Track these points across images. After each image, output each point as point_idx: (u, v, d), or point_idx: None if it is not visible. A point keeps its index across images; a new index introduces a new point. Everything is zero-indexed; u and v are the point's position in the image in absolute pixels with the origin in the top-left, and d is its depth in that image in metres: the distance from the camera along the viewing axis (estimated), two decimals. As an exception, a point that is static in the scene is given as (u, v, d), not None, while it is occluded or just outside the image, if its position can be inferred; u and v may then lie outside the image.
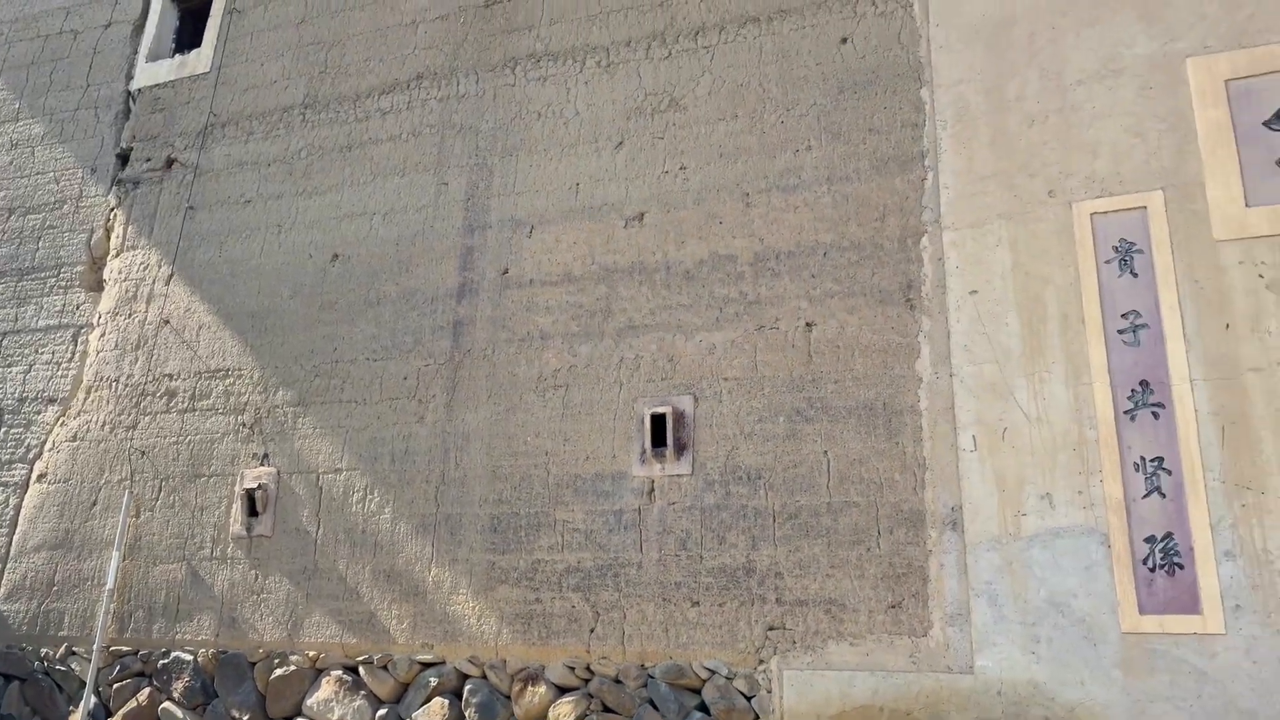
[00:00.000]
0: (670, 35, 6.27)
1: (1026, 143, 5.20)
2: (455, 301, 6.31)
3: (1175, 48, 5.03)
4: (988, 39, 5.45)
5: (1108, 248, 4.87)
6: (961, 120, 5.39)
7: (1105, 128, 5.05)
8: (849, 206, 5.53)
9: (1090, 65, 5.17)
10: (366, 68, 7.17)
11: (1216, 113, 4.83)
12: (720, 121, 5.97)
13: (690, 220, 5.86)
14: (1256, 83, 4.82)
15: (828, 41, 5.85)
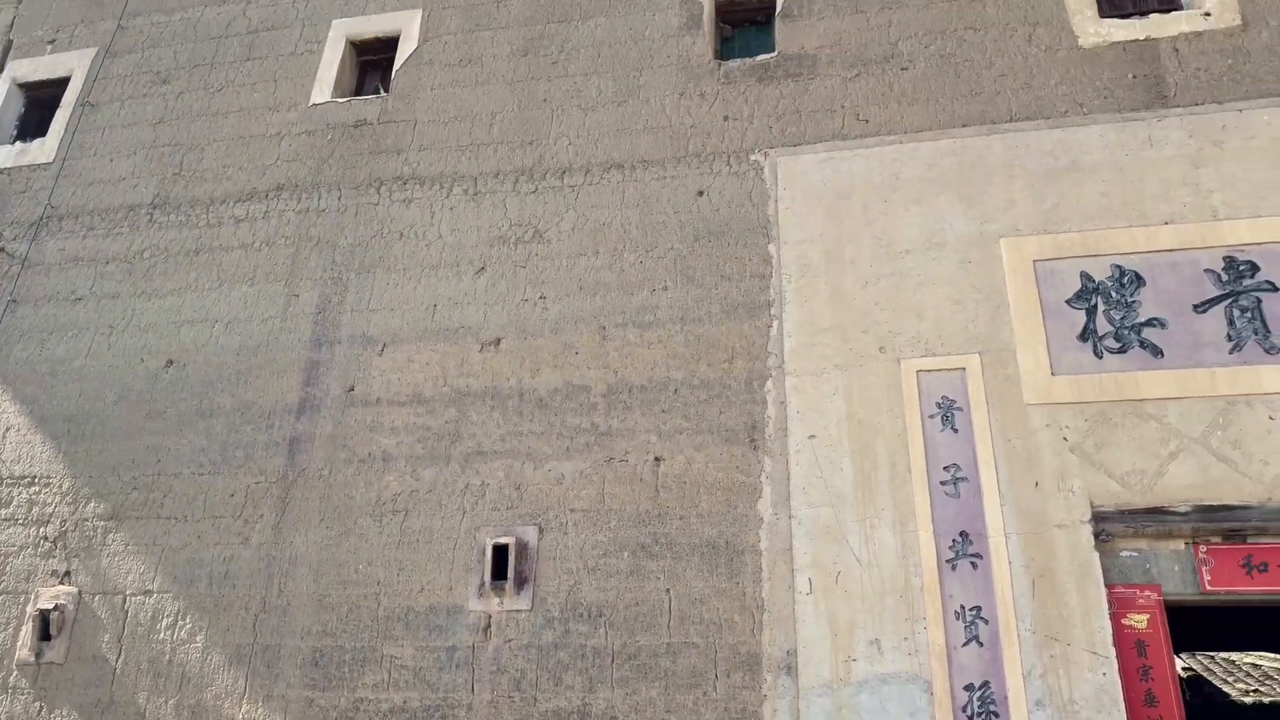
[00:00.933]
0: (538, 172, 6.47)
1: (861, 301, 5.59)
2: (294, 417, 6.08)
3: (990, 228, 5.58)
4: (828, 205, 5.89)
5: (931, 403, 5.22)
6: (804, 275, 5.75)
7: (930, 294, 5.49)
8: (700, 346, 5.73)
9: (917, 237, 5.66)
10: (224, 174, 7.03)
11: (1026, 288, 5.35)
12: (582, 256, 6.14)
13: (547, 349, 5.92)
14: (1059, 264, 5.39)
15: (686, 192, 6.17)
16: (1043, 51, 6.05)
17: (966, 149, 5.84)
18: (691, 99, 6.47)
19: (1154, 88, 5.77)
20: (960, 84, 6.08)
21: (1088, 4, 6.13)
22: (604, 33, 6.84)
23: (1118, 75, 5.86)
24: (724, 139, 6.29)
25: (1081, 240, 5.40)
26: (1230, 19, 5.86)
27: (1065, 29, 6.08)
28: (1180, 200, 5.38)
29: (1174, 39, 5.89)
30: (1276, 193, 5.27)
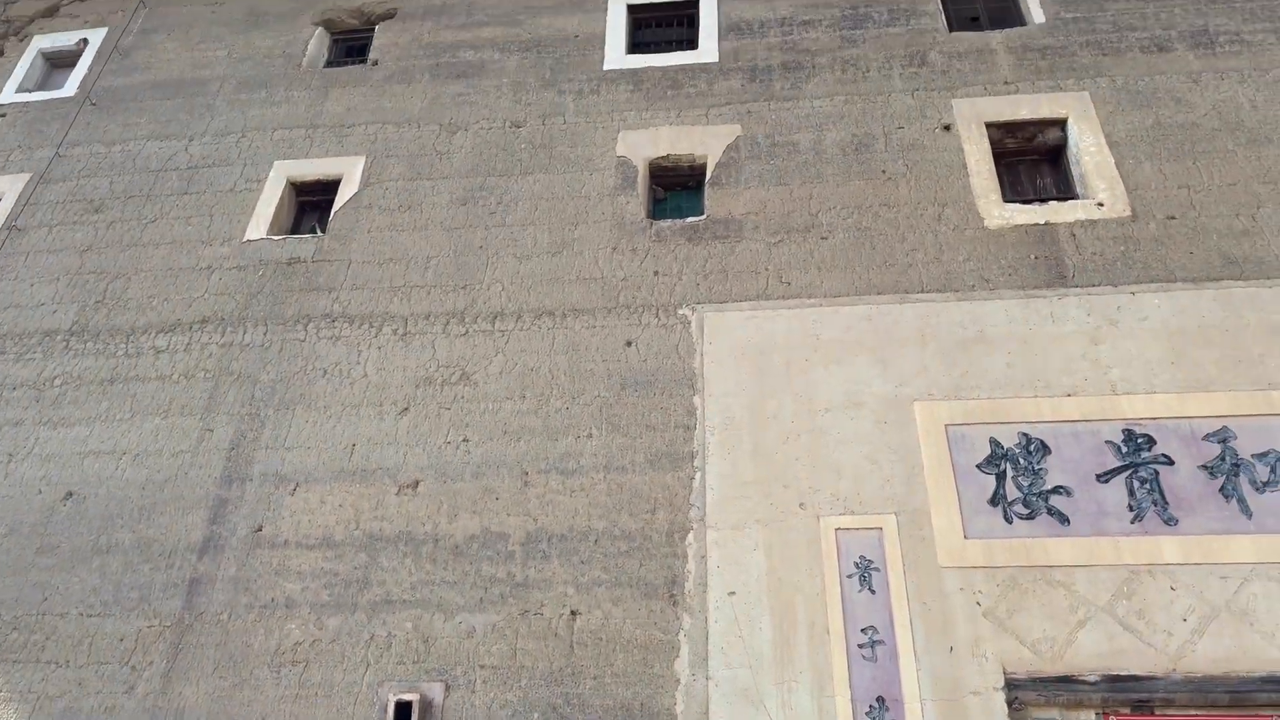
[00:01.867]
0: (470, 315, 6.55)
1: (782, 456, 5.67)
2: (196, 557, 5.81)
3: (905, 391, 5.78)
4: (752, 361, 6.06)
5: (850, 563, 5.25)
6: (728, 428, 5.84)
7: (848, 452, 5.62)
8: (623, 496, 5.71)
9: (836, 396, 5.83)
10: (149, 304, 6.95)
11: (938, 452, 5.51)
12: (508, 400, 6.15)
13: (466, 493, 5.83)
14: (970, 430, 5.58)
15: (614, 342, 6.29)
16: (951, 230, 6.46)
17: (882, 315, 6.12)
18: (624, 254, 6.70)
19: (1054, 268, 6.18)
20: (875, 255, 6.42)
21: (992, 189, 6.61)
22: (543, 188, 7.11)
23: (1021, 255, 6.27)
24: (654, 293, 6.48)
25: (990, 407, 5.63)
26: (1121, 210, 6.36)
27: (972, 211, 6.52)
28: (1081, 374, 5.68)
29: (1071, 225, 6.36)
30: (1168, 371, 5.61)
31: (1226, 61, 6.98)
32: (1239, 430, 5.34)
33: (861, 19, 7.73)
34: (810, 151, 7.02)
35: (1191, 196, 6.36)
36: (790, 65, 7.54)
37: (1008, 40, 7.38)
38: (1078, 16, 7.41)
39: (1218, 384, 5.52)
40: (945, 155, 6.83)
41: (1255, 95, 6.77)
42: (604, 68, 7.79)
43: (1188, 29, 7.19)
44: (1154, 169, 6.52)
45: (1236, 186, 6.36)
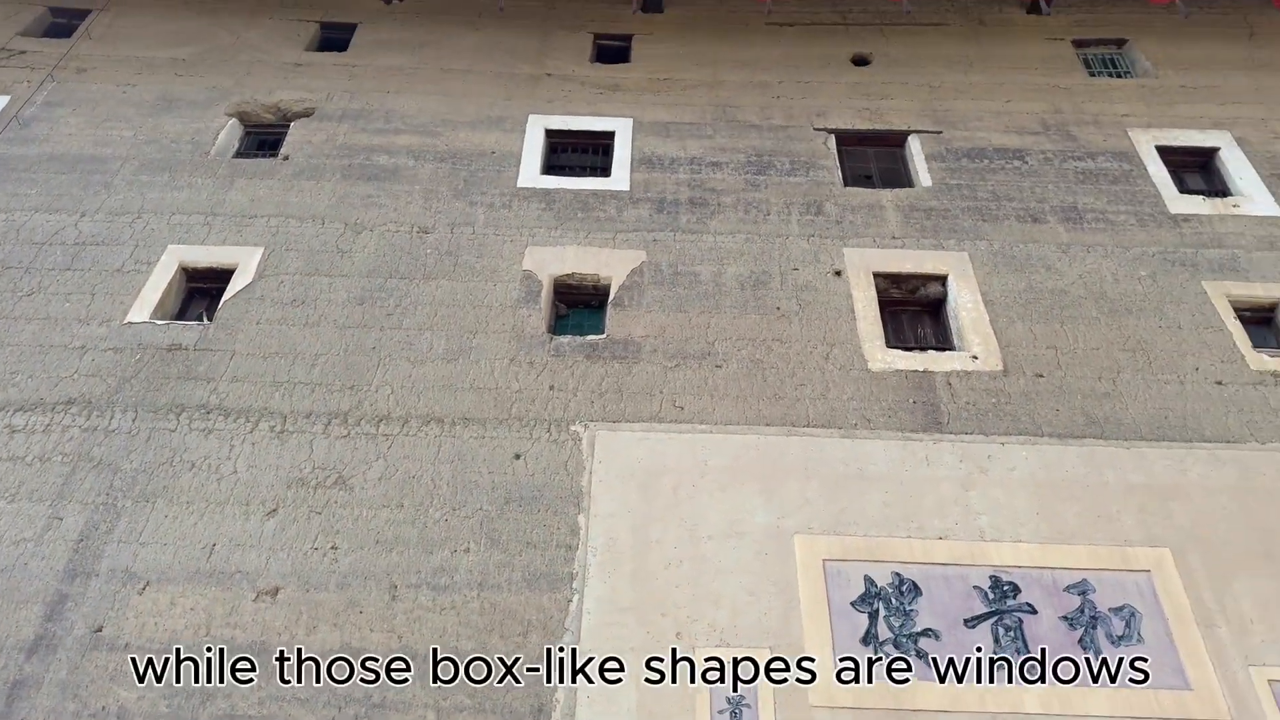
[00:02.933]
0: (354, 417, 6.39)
1: (663, 583, 5.61)
2: (24, 657, 5.31)
3: (786, 523, 5.84)
4: (641, 483, 6.05)
5: (722, 698, 5.15)
6: (610, 550, 5.76)
7: (728, 582, 5.60)
8: (496, 616, 5.51)
9: (720, 524, 5.85)
10: (10, 380, 6.55)
11: (815, 587, 5.54)
12: (384, 508, 5.95)
13: (329, 604, 5.54)
14: (846, 566, 5.65)
15: (503, 454, 6.21)
16: (838, 369, 6.70)
17: (769, 446, 6.23)
18: (521, 366, 6.70)
19: (931, 414, 6.44)
20: (766, 387, 6.59)
21: (877, 335, 6.92)
22: (445, 294, 7.11)
23: (901, 399, 6.53)
24: (548, 407, 6.46)
25: (867, 545, 5.72)
26: (994, 364, 6.73)
27: (858, 353, 6.80)
28: (953, 518, 5.86)
29: (948, 374, 6.68)
30: (1033, 521, 5.83)
31: (1093, 236, 7.59)
32: (1097, 584, 5.56)
33: (765, 166, 8.16)
34: (710, 283, 7.25)
35: (1059, 357, 6.79)
36: (697, 201, 7.86)
37: (897, 199, 7.89)
38: (961, 184, 7.99)
39: (1079, 537, 5.77)
40: (835, 299, 7.15)
41: (1117, 269, 7.36)
42: (518, 184, 7.97)
43: (1059, 204, 7.83)
44: (1025, 328, 6.95)
45: (1099, 351, 6.82)
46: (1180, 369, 6.69)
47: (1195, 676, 5.20)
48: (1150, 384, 6.61)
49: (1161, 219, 7.70)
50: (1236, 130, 8.40)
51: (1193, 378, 6.64)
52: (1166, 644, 5.33)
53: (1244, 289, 7.21)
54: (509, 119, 8.54)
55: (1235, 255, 7.43)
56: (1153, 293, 7.17)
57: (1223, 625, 5.39)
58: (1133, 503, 5.93)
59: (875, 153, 8.52)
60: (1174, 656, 5.28)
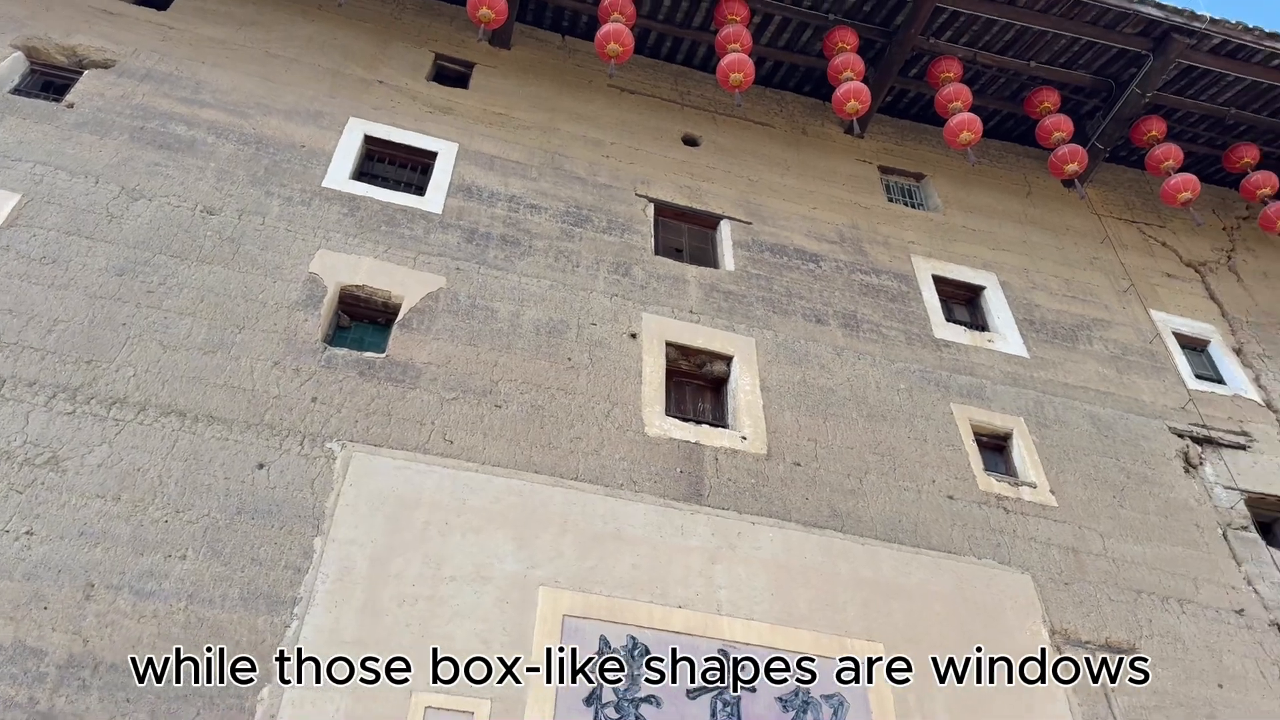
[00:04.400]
0: (84, 395, 5.78)
1: (393, 620, 5.35)
2: None
3: (534, 574, 5.76)
4: (390, 513, 5.80)
5: (432, 745, 4.93)
6: (343, 579, 5.45)
7: (462, 627, 5.42)
8: (202, 631, 5.07)
9: (466, 566, 5.68)
10: None
11: (551, 641, 5.46)
12: (98, 499, 5.38)
13: (7, 594, 4.91)
14: (585, 623, 5.62)
15: (246, 461, 5.79)
16: (615, 428, 6.77)
17: (533, 493, 6.15)
18: (285, 371, 6.32)
19: (694, 485, 6.60)
20: (542, 435, 6.54)
21: (658, 400, 7.07)
22: (217, 281, 6.64)
23: (669, 466, 6.66)
24: (305, 419, 6.11)
25: (609, 605, 5.72)
26: (759, 447, 7.01)
27: (637, 415, 6.90)
28: (695, 588, 5.98)
29: (716, 450, 6.89)
30: (768, 601, 6.05)
31: (865, 345, 8.14)
32: (816, 669, 5.80)
33: (583, 219, 8.25)
34: (507, 322, 7.17)
35: (817, 450, 7.16)
36: (509, 239, 7.81)
37: (701, 276, 8.17)
38: (760, 274, 8.39)
39: (807, 622, 6.02)
40: (626, 360, 7.25)
41: (881, 379, 7.90)
42: (323, 184, 7.63)
43: (842, 310, 8.36)
44: (793, 418, 7.30)
45: (853, 451, 7.26)
46: (919, 479, 7.22)
47: (886, 768, 5.49)
48: (892, 488, 7.09)
49: (926, 340, 8.38)
50: (1002, 275, 9.32)
51: (929, 489, 7.18)
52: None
53: (985, 416, 7.92)
54: (328, 116, 8.21)
55: (982, 384, 8.17)
56: (908, 405, 7.75)
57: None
58: (859, 596, 6.27)
59: (689, 229, 8.81)
60: (872, 747, 5.56)
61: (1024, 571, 6.83)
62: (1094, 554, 7.21)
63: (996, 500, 7.30)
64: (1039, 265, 9.61)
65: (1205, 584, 7.32)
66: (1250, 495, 8.19)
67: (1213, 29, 9.13)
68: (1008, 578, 6.73)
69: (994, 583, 6.66)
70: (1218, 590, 7.32)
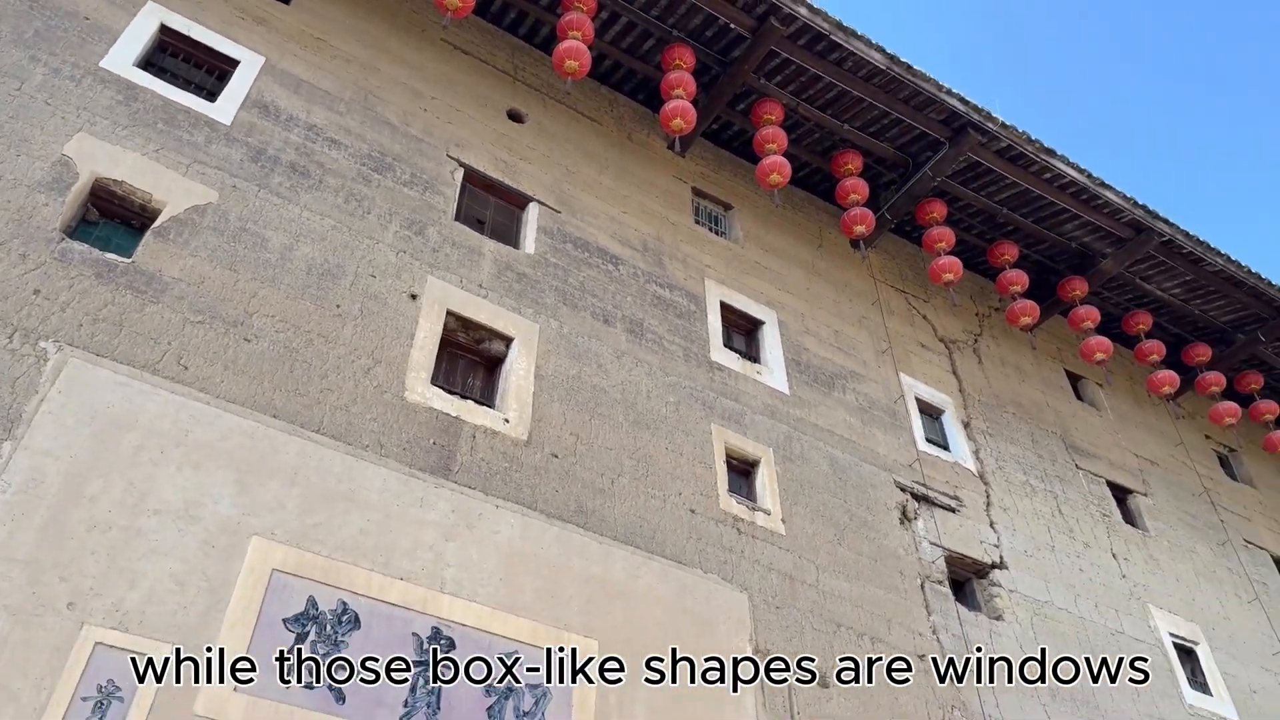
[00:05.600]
0: None
1: (78, 545, 4.86)
2: None
3: (250, 521, 5.41)
4: (99, 430, 5.26)
5: (94, 684, 4.52)
6: (29, 492, 4.89)
7: (156, 565, 5.00)
8: None
9: (175, 501, 5.25)
10: None
11: (253, 593, 5.15)
12: None
13: None
14: (296, 581, 5.34)
15: (-66, 343, 5.08)
16: (373, 387, 6.51)
17: (266, 438, 5.79)
18: (10, 255, 5.61)
19: (445, 459, 6.46)
20: (290, 378, 6.18)
21: (426, 367, 6.87)
22: (-57, 137, 5.80)
23: (422, 435, 6.48)
24: (22, 311, 5.45)
25: (325, 566, 5.47)
26: (521, 433, 6.97)
27: (399, 378, 6.67)
28: (422, 562, 5.83)
29: (476, 428, 6.78)
30: (495, 586, 6.00)
31: (645, 354, 8.30)
32: (527, 659, 5.81)
33: (385, 167, 7.90)
34: (277, 254, 6.73)
35: (577, 445, 7.22)
36: (299, 169, 7.35)
37: (498, 252, 8.04)
38: (559, 264, 8.37)
39: (528, 612, 6.03)
40: (400, 320, 7.00)
41: (653, 388, 8.09)
42: (101, 63, 6.87)
43: (630, 316, 8.49)
44: (559, 411, 7.32)
45: (612, 452, 7.37)
46: (668, 489, 7.44)
47: (575, 761, 5.57)
48: (640, 494, 7.26)
49: (702, 360, 8.67)
50: (782, 314, 9.81)
51: (674, 500, 7.41)
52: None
53: (739, 441, 8.28)
54: (123, -7, 7.40)
55: (744, 411, 8.55)
56: (672, 418, 7.97)
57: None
58: (586, 592, 6.36)
59: (496, 204, 8.66)
60: (565, 740, 5.63)
61: (743, 590, 7.18)
62: (808, 584, 7.70)
63: (733, 521, 7.65)
64: (815, 313, 10.20)
65: (897, 626, 8.00)
66: (950, 554, 9.05)
67: (1002, 132, 10.07)
68: (727, 594, 7.05)
69: (714, 597, 6.96)
70: (907, 634, 8.01)
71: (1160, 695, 9.30)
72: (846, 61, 9.62)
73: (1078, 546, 10.12)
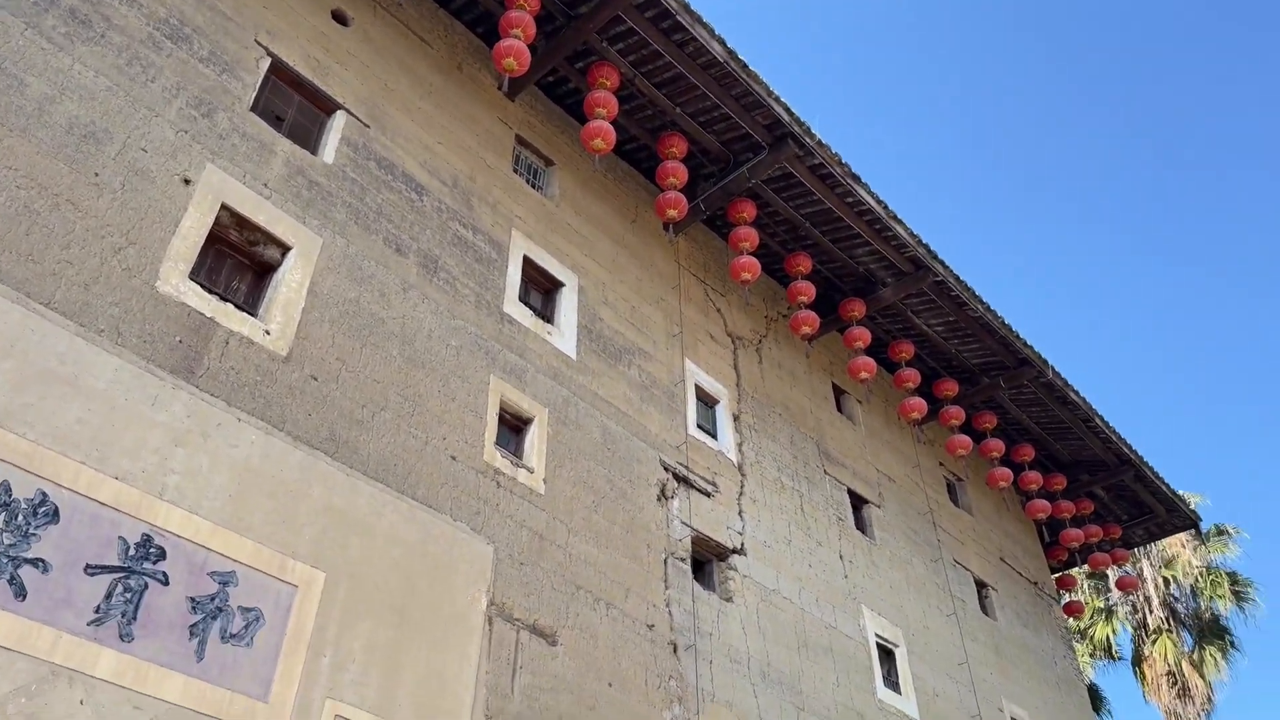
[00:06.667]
0: None
1: None
2: None
3: (-58, 388, 4.80)
4: None
5: None
6: None
7: None
8: None
9: None
10: None
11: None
12: None
13: None
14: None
15: None
16: (122, 269, 5.94)
17: (-19, 302, 5.14)
18: None
19: (190, 360, 6.00)
20: (25, 242, 5.53)
21: (187, 260, 6.34)
22: None
23: (169, 331, 5.98)
24: None
25: (29, 451, 4.94)
26: (281, 347, 6.58)
27: (153, 266, 6.12)
28: (144, 464, 5.39)
29: (231, 334, 6.34)
30: (222, 500, 5.64)
31: (435, 292, 8.06)
32: (244, 580, 5.52)
33: (183, 37, 7.20)
34: (35, 103, 6.00)
35: (342, 371, 6.91)
36: (80, 16, 6.56)
37: (292, 154, 7.53)
38: (359, 181, 7.96)
39: (254, 533, 5.72)
40: (166, 204, 6.42)
41: (436, 329, 7.88)
42: None
43: (425, 250, 8.20)
44: (329, 333, 6.98)
45: (378, 385, 7.12)
46: (432, 433, 7.29)
47: (278, 693, 5.36)
48: (401, 432, 7.06)
49: (494, 310, 8.54)
50: (583, 280, 9.84)
51: (436, 444, 7.27)
52: (272, 656, 5.44)
53: (516, 397, 8.24)
54: None
55: (526, 369, 8.51)
56: (451, 363, 7.81)
57: (329, 656, 5.71)
58: (322, 523, 6.11)
59: (300, 103, 8.11)
60: (270, 669, 5.40)
61: (490, 543, 7.16)
62: (557, 544, 7.80)
63: (494, 474, 7.60)
64: (616, 285, 10.31)
65: (634, 596, 8.27)
66: (698, 535, 9.45)
67: (817, 149, 10.55)
68: (473, 544, 7.01)
69: (458, 545, 6.89)
70: (642, 604, 8.30)
71: (857, 689, 10.17)
72: (688, 45, 9.73)
73: (811, 544, 10.85)
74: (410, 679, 6.06)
